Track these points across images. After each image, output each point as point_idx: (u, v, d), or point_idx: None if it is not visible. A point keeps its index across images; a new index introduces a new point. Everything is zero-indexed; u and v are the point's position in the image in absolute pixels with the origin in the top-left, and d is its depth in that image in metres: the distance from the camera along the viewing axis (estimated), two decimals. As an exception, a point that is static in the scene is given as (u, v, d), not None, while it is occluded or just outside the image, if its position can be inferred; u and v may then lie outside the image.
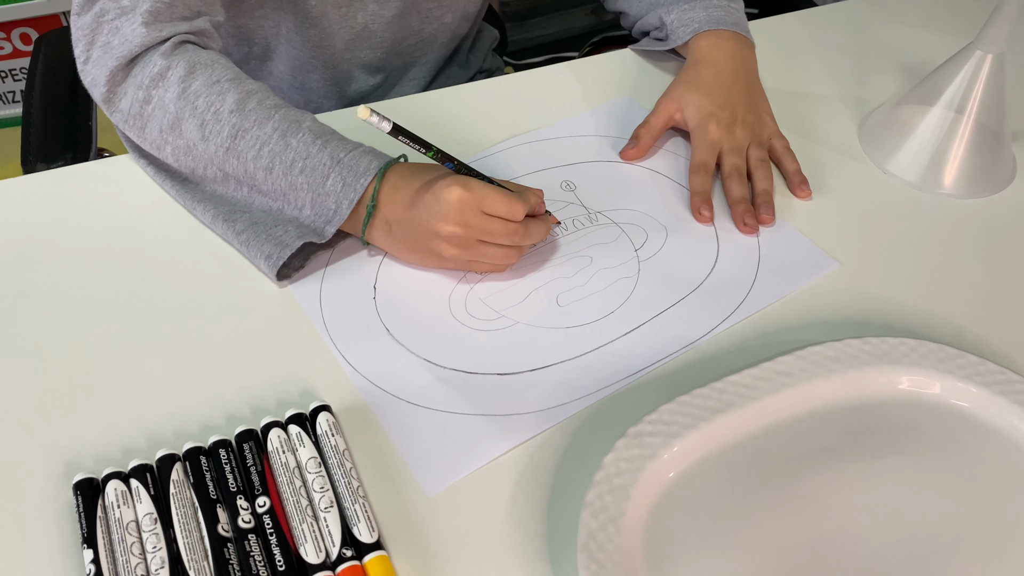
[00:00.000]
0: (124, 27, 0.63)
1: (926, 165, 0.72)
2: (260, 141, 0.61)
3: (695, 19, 0.76)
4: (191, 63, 0.63)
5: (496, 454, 0.52)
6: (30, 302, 0.59)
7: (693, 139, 0.71)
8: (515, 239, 0.60)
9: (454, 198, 0.57)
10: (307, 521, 0.47)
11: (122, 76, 0.63)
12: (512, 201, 0.58)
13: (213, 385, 0.55)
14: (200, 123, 0.61)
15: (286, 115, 0.62)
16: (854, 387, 0.54)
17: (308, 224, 0.61)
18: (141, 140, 0.66)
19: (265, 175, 0.61)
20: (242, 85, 0.63)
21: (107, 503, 0.48)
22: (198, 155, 0.63)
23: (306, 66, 0.86)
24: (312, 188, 0.60)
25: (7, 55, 1.82)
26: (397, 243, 0.61)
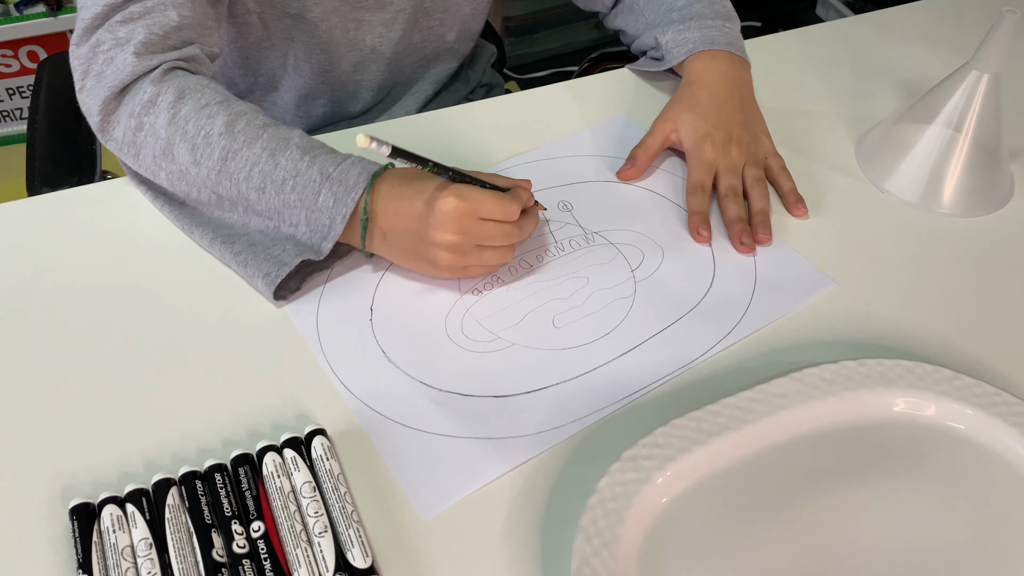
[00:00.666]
0: (117, 58, 0.63)
1: (924, 184, 0.72)
2: (250, 162, 0.61)
3: (689, 40, 0.77)
4: (180, 88, 0.63)
5: (492, 477, 0.52)
6: (30, 325, 0.60)
7: (689, 160, 0.72)
8: (511, 239, 0.61)
9: (450, 208, 0.58)
10: (301, 546, 0.47)
11: (114, 105, 0.64)
12: (506, 203, 0.60)
13: (210, 408, 0.55)
14: (191, 147, 0.62)
15: (274, 133, 0.62)
16: (850, 409, 0.54)
17: (305, 241, 0.62)
18: (136, 166, 0.66)
19: (258, 195, 0.62)
20: (231, 107, 0.63)
21: (103, 528, 0.48)
22: (191, 179, 0.63)
23: (312, 93, 0.87)
24: (305, 205, 0.61)
25: (14, 72, 1.83)
26: (394, 251, 0.62)
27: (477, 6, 0.91)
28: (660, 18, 0.80)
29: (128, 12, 0.64)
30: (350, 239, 0.63)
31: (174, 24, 0.65)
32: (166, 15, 0.65)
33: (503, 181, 0.63)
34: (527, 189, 0.63)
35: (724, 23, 0.78)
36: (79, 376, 0.57)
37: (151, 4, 0.64)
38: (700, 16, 0.78)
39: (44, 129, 0.89)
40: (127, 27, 0.64)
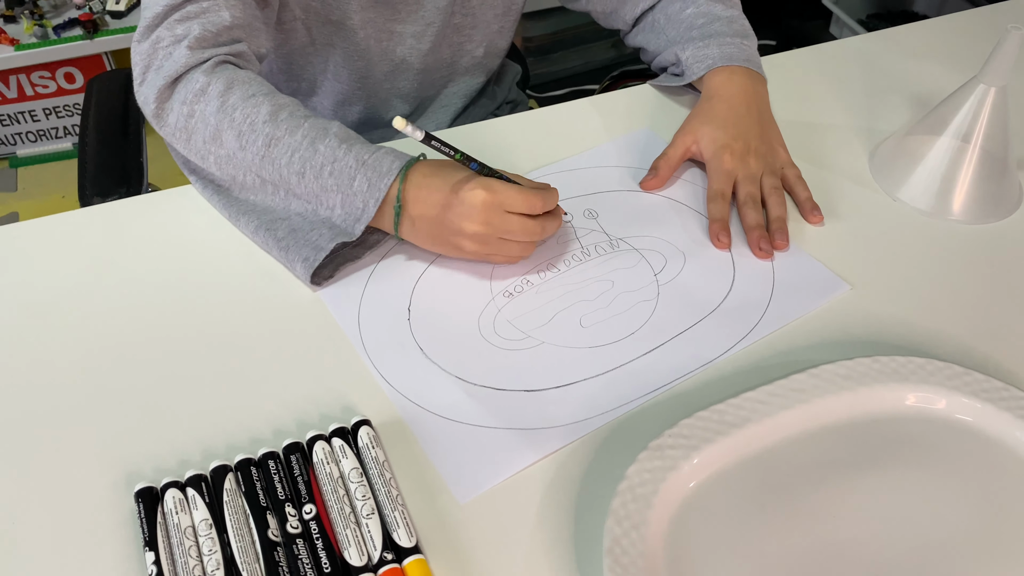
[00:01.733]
0: (175, 52, 0.69)
1: (935, 192, 0.75)
2: (291, 148, 0.66)
3: (709, 56, 0.80)
4: (229, 80, 0.68)
5: (523, 465, 0.56)
6: (92, 324, 0.64)
7: (709, 169, 0.75)
8: (533, 235, 0.65)
9: (478, 200, 0.62)
10: (350, 527, 0.50)
11: (168, 93, 0.69)
12: (531, 197, 0.64)
13: (261, 401, 0.59)
14: (238, 133, 0.67)
15: (314, 124, 0.67)
16: (864, 403, 0.57)
17: (339, 224, 0.66)
18: (187, 151, 0.71)
19: (298, 179, 0.66)
20: (275, 99, 0.68)
21: (166, 510, 0.52)
22: (237, 163, 0.68)
23: (349, 99, 0.91)
24: (341, 189, 0.65)
25: (51, 93, 1.90)
26: (421, 236, 0.67)
27: (505, 24, 0.95)
28: (680, 36, 0.84)
29: (185, 11, 0.69)
30: (382, 224, 0.67)
31: (226, 23, 0.70)
32: (219, 15, 0.70)
33: (527, 183, 0.67)
34: (554, 195, 0.67)
35: (742, 40, 0.81)
36: (140, 372, 0.61)
37: (206, 4, 0.70)
38: (719, 34, 0.81)
39: (94, 143, 0.93)
40: (184, 25, 0.69)
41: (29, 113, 1.92)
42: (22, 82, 1.86)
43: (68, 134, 1.98)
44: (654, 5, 0.88)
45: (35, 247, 0.70)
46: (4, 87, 1.86)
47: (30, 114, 1.92)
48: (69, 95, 1.90)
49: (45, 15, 1.82)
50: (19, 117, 1.92)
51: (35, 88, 1.88)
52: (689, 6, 0.84)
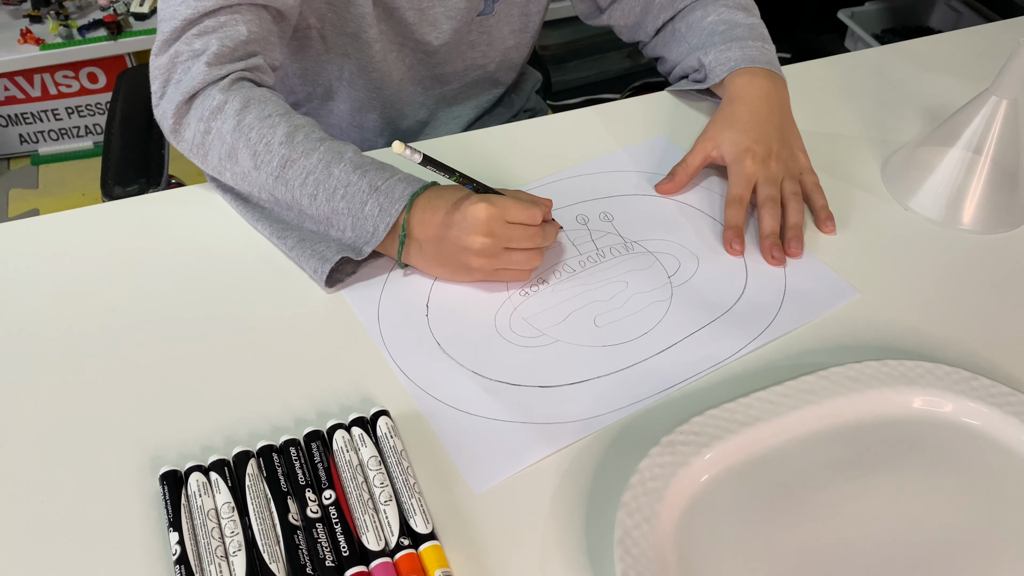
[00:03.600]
0: (193, 67, 0.70)
1: (946, 202, 0.76)
2: (306, 170, 0.67)
3: (731, 58, 0.81)
4: (246, 98, 0.70)
5: (537, 458, 0.57)
6: (119, 316, 0.66)
7: (730, 173, 0.76)
8: (536, 241, 0.66)
9: (482, 213, 0.64)
10: (369, 513, 0.52)
11: (185, 109, 0.70)
12: (530, 208, 0.65)
13: (283, 391, 0.60)
14: (253, 153, 0.68)
15: (330, 147, 0.68)
16: (872, 405, 0.58)
17: (350, 244, 0.68)
18: (204, 166, 0.73)
19: (310, 201, 0.67)
20: (291, 120, 0.69)
21: (190, 493, 0.53)
22: (252, 181, 0.69)
23: (365, 106, 0.93)
24: (352, 213, 0.66)
25: (74, 92, 1.93)
26: (428, 260, 0.68)
27: (522, 40, 0.97)
28: (703, 42, 0.85)
29: (203, 26, 0.71)
30: (387, 250, 0.68)
31: (243, 37, 0.72)
32: (236, 29, 0.71)
33: (525, 197, 0.68)
34: (548, 204, 0.69)
35: (763, 44, 0.83)
36: (165, 360, 0.63)
37: (223, 19, 0.71)
38: (740, 39, 0.82)
39: (119, 135, 0.95)
40: (202, 39, 0.70)
41: (52, 112, 1.95)
42: (46, 81, 1.89)
43: (89, 133, 2.01)
44: (675, 15, 0.89)
45: (61, 239, 0.72)
46: (29, 86, 1.89)
47: (53, 113, 1.95)
48: (91, 95, 1.93)
49: (70, 16, 1.85)
50: (42, 115, 1.95)
51: (58, 87, 1.91)
52: (710, 14, 0.86)
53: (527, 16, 0.94)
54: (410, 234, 0.67)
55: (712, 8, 0.86)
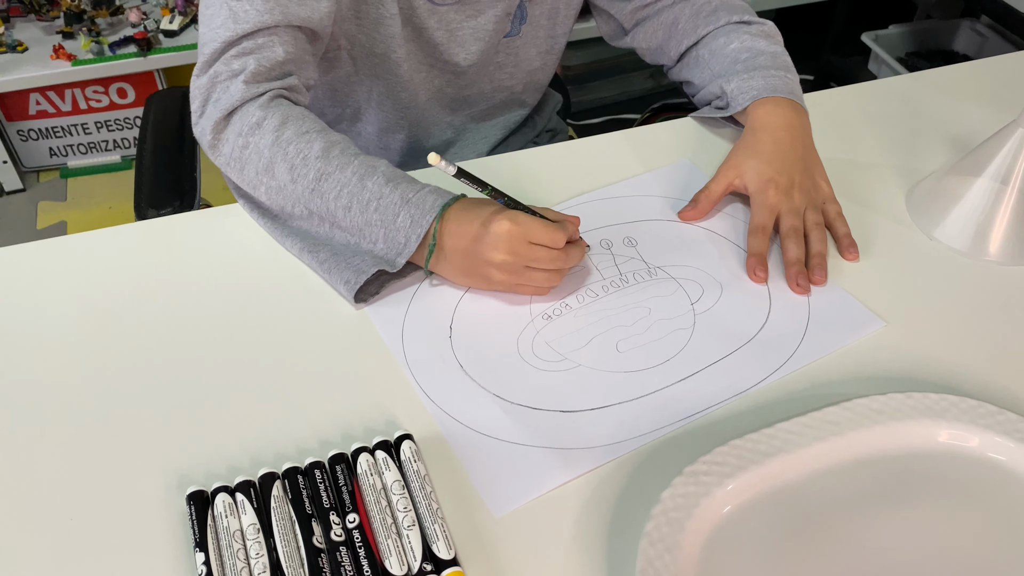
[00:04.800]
0: (232, 86, 0.72)
1: (972, 233, 0.76)
2: (341, 183, 0.69)
3: (754, 87, 0.82)
4: (284, 116, 0.71)
5: (557, 483, 0.57)
6: (148, 334, 0.67)
7: (753, 203, 0.76)
8: (558, 263, 0.67)
9: (504, 230, 0.65)
10: (392, 537, 0.52)
11: (223, 125, 0.72)
12: (554, 231, 0.66)
13: (309, 413, 0.61)
14: (290, 167, 0.70)
15: (364, 161, 0.70)
16: (896, 438, 0.58)
17: (382, 255, 0.69)
18: (240, 180, 0.74)
19: (344, 213, 0.69)
20: (327, 136, 0.71)
21: (216, 513, 0.54)
22: (287, 194, 0.71)
23: (392, 127, 0.94)
24: (384, 224, 0.68)
25: (104, 107, 1.96)
26: (452, 269, 0.69)
27: (547, 61, 0.98)
28: (725, 69, 0.86)
29: (241, 47, 0.73)
30: (415, 258, 0.70)
31: (280, 58, 0.74)
32: (273, 50, 0.73)
33: (553, 215, 0.70)
34: (574, 223, 0.70)
35: (785, 74, 0.83)
36: (192, 380, 0.63)
37: (261, 41, 0.73)
38: (763, 67, 0.83)
39: (150, 158, 0.97)
40: (240, 60, 0.73)
41: (82, 126, 1.98)
42: (77, 96, 1.93)
43: (117, 147, 2.04)
44: (698, 41, 0.89)
45: (91, 258, 0.74)
46: (60, 100, 1.93)
47: (82, 127, 1.98)
48: (120, 109, 1.96)
49: (102, 32, 1.89)
50: (72, 129, 1.98)
51: (89, 102, 1.94)
52: (733, 41, 0.86)
53: (553, 38, 0.95)
54: (439, 244, 0.68)
55: (735, 36, 0.86)
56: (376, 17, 0.84)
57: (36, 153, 2.00)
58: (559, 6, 0.92)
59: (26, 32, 1.91)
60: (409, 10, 0.84)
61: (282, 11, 0.73)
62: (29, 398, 0.62)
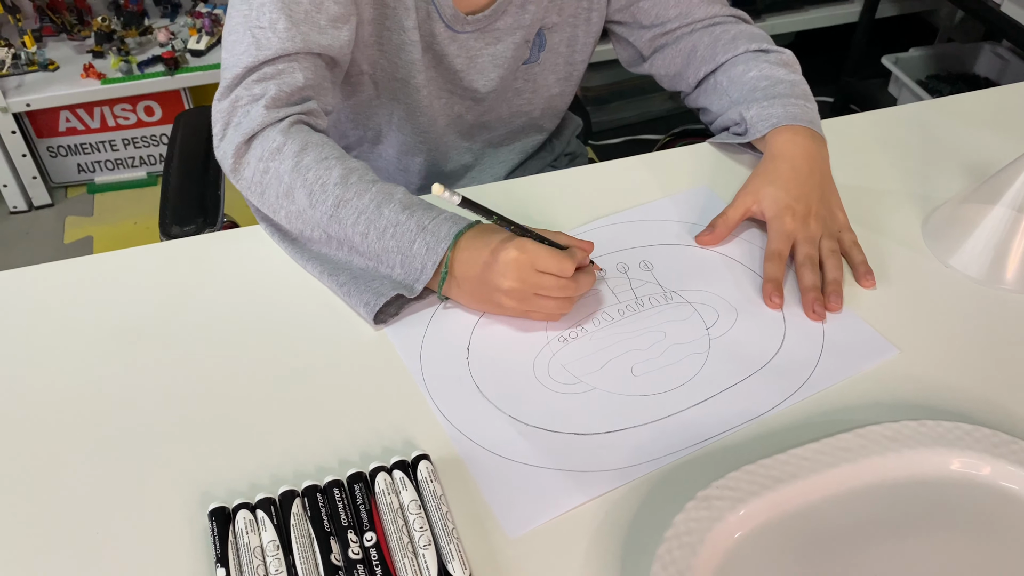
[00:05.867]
0: (252, 111, 0.74)
1: (988, 261, 0.76)
2: (358, 210, 0.70)
3: (773, 115, 0.83)
4: (304, 142, 0.73)
5: (571, 505, 0.58)
6: (172, 352, 0.68)
7: (769, 229, 0.77)
8: (567, 292, 0.68)
9: (511, 258, 0.66)
10: (408, 556, 0.53)
11: (244, 149, 0.74)
12: (561, 259, 0.67)
13: (328, 432, 0.62)
14: (309, 192, 0.71)
15: (381, 189, 0.71)
16: (909, 465, 0.58)
17: (400, 280, 0.70)
18: (261, 204, 0.76)
19: (362, 239, 0.70)
20: (346, 163, 0.73)
21: (237, 529, 0.55)
22: (307, 219, 0.72)
23: (412, 150, 0.96)
24: (401, 251, 0.69)
25: (131, 125, 2.00)
26: (465, 295, 0.71)
27: (566, 87, 0.99)
28: (744, 96, 0.87)
29: (262, 73, 0.75)
30: (431, 283, 0.71)
31: (299, 84, 0.76)
32: (294, 76, 0.75)
33: (564, 240, 0.71)
34: (585, 249, 0.70)
35: (805, 103, 0.84)
36: (216, 398, 0.65)
37: (281, 67, 0.75)
38: (783, 95, 0.84)
39: (177, 176, 0.99)
40: (261, 85, 0.74)
41: (109, 143, 2.02)
42: (105, 114, 1.97)
43: (143, 163, 2.07)
44: (716, 68, 0.91)
45: (117, 276, 0.75)
46: (88, 118, 1.97)
47: (110, 144, 2.02)
48: (147, 127, 2.00)
49: (131, 52, 1.93)
50: (100, 146, 2.02)
51: (116, 120, 1.98)
52: (752, 69, 0.87)
53: (571, 64, 0.97)
54: (451, 271, 0.69)
55: (754, 64, 0.87)
56: (398, 43, 0.85)
57: (64, 169, 2.04)
58: (578, 33, 0.94)
59: (58, 51, 1.95)
60: (430, 37, 0.86)
61: (303, 39, 0.75)
62: (55, 414, 0.64)
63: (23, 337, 0.70)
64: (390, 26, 0.85)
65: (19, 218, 2.00)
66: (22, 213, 2.00)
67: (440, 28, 0.85)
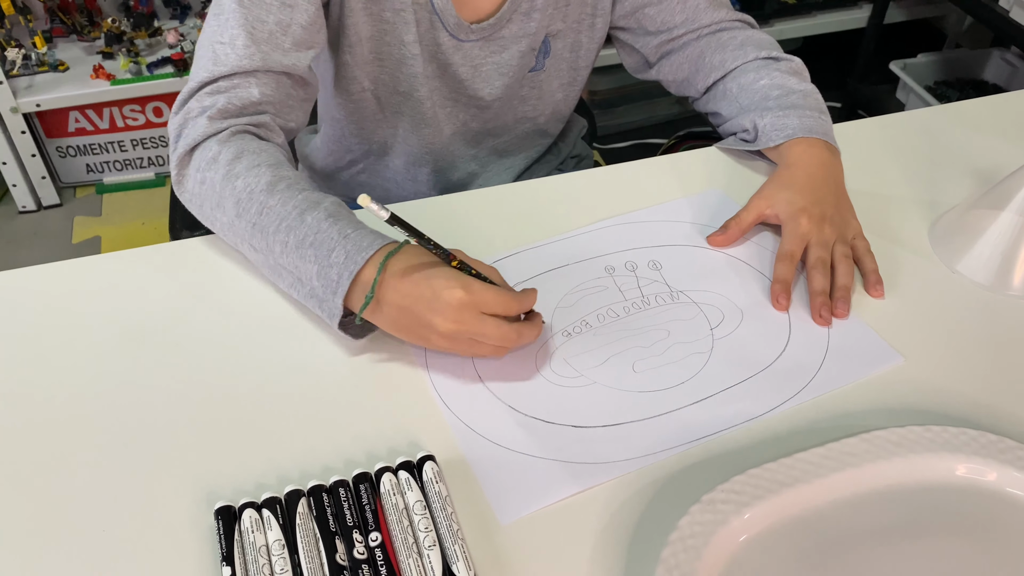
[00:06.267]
0: (198, 122, 0.72)
1: (995, 267, 0.76)
2: (280, 217, 0.66)
3: (789, 126, 0.82)
4: (239, 149, 0.70)
5: (563, 496, 0.59)
6: (183, 353, 0.69)
7: (784, 230, 0.77)
8: (506, 342, 0.63)
9: (455, 299, 0.61)
10: (413, 556, 0.53)
11: (187, 161, 0.72)
12: (507, 300, 0.62)
13: (334, 432, 0.63)
14: (236, 201, 0.68)
15: (308, 196, 0.67)
16: (914, 471, 0.58)
17: (318, 295, 0.65)
18: (201, 217, 0.74)
19: (282, 248, 0.66)
20: (279, 171, 0.68)
21: (243, 528, 0.55)
22: (236, 231, 0.69)
23: (419, 160, 0.96)
24: (319, 260, 0.64)
25: (140, 126, 2.01)
26: (386, 321, 0.65)
27: (570, 92, 0.99)
28: (756, 104, 0.86)
29: (216, 86, 0.73)
30: (350, 303, 0.64)
31: (254, 99, 0.74)
32: (248, 91, 0.73)
33: (499, 279, 0.66)
34: (531, 297, 0.65)
35: (820, 115, 0.84)
36: (223, 398, 0.65)
37: (237, 81, 0.73)
38: (797, 106, 0.84)
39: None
40: (211, 98, 0.73)
41: (118, 143, 2.03)
42: (114, 114, 1.98)
43: (151, 164, 2.08)
44: (725, 75, 0.90)
45: (125, 276, 0.76)
46: (98, 118, 1.98)
47: (118, 144, 2.03)
48: (156, 128, 2.01)
49: (140, 53, 1.94)
50: (108, 147, 2.03)
51: (125, 120, 1.99)
52: (763, 77, 0.87)
53: (575, 70, 0.97)
54: (376, 295, 0.63)
55: (765, 72, 0.87)
56: (398, 57, 0.85)
57: (73, 169, 2.05)
58: (582, 40, 0.94)
59: (68, 52, 1.97)
60: (433, 47, 0.86)
61: (262, 57, 0.73)
62: (63, 413, 0.64)
63: (31, 336, 0.70)
64: (390, 41, 0.85)
65: (28, 217, 2.01)
66: (31, 213, 2.01)
67: (444, 37, 0.85)
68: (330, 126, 0.99)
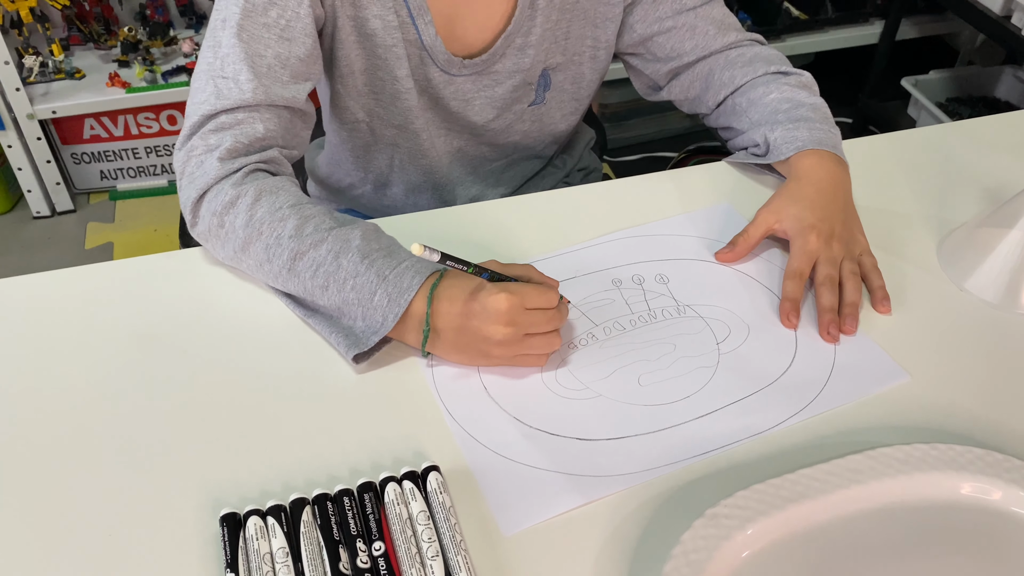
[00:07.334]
0: (206, 162, 0.72)
1: (1004, 285, 0.76)
2: (316, 262, 0.67)
3: (799, 138, 0.82)
4: (258, 191, 0.71)
5: (567, 508, 0.59)
6: (189, 358, 0.69)
7: (792, 247, 0.77)
8: (555, 323, 0.67)
9: (502, 304, 0.64)
10: (416, 566, 0.54)
11: (199, 205, 0.72)
12: (545, 292, 0.66)
13: (339, 441, 0.63)
14: (265, 247, 0.69)
15: (337, 236, 0.68)
16: (919, 488, 0.58)
17: (360, 335, 0.67)
18: (222, 257, 0.74)
19: (322, 292, 0.68)
20: (302, 211, 0.70)
21: (247, 535, 0.56)
22: (266, 273, 0.71)
23: (418, 188, 0.97)
24: (362, 303, 0.67)
25: (154, 133, 2.03)
26: (447, 348, 0.68)
27: (572, 120, 0.99)
28: (765, 118, 0.86)
29: (219, 122, 0.73)
30: (404, 337, 0.68)
31: (259, 135, 0.74)
32: (253, 127, 0.73)
33: (538, 276, 0.69)
34: (555, 285, 0.69)
35: (829, 127, 0.84)
36: (229, 405, 0.66)
37: (241, 116, 0.73)
38: (807, 119, 0.83)
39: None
40: (217, 135, 0.73)
41: (132, 151, 2.05)
42: (129, 122, 1.99)
43: (165, 172, 2.10)
44: (735, 90, 0.90)
45: (136, 282, 0.76)
46: (112, 126, 1.99)
47: (132, 151, 2.05)
48: (170, 136, 2.03)
49: (155, 62, 1.96)
50: (122, 154, 2.05)
51: (140, 128, 2.01)
52: (773, 91, 0.87)
53: (578, 100, 0.97)
54: (432, 326, 0.66)
55: (774, 86, 0.87)
56: (392, 92, 0.86)
57: (87, 176, 2.07)
58: (584, 71, 0.94)
59: (84, 60, 1.99)
60: (424, 81, 0.86)
61: (265, 91, 0.73)
62: (72, 417, 0.65)
63: (42, 341, 0.71)
64: (383, 76, 0.85)
65: (42, 223, 2.03)
66: (45, 218, 2.03)
67: (435, 72, 0.86)
68: (329, 150, 1.00)
